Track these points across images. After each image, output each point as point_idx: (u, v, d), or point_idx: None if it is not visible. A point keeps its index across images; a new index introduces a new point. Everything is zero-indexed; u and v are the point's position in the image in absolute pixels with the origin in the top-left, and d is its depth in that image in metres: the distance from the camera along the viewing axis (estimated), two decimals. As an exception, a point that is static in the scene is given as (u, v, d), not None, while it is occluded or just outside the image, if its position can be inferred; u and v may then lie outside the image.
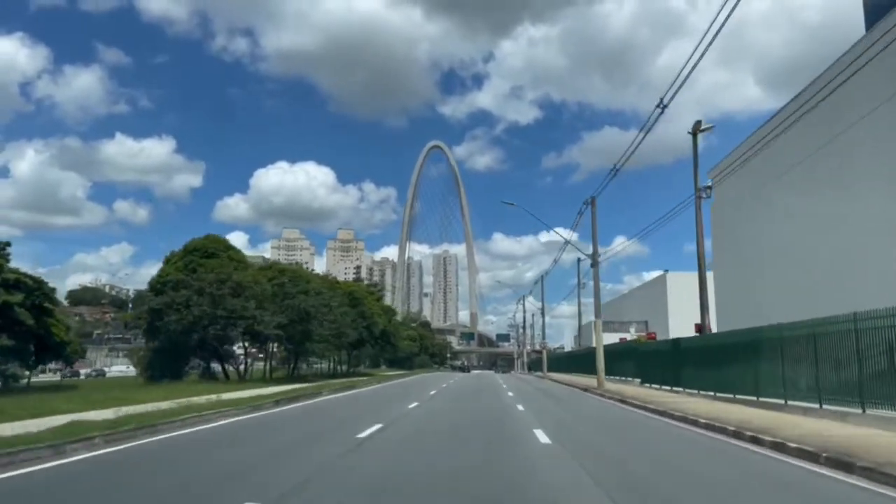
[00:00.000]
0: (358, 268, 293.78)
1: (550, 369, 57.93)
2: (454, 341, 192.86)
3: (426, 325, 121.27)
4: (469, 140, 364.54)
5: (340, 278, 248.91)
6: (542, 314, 55.57)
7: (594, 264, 28.57)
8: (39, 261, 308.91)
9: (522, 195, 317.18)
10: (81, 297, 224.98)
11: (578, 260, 53.45)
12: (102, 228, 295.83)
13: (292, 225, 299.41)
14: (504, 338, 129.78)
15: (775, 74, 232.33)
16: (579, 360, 50.84)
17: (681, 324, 79.26)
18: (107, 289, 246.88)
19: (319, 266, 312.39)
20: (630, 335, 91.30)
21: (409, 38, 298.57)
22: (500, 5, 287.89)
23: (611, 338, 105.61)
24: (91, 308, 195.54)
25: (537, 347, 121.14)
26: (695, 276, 22.91)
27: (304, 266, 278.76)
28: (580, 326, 55.84)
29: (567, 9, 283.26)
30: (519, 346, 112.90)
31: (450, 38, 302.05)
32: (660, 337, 56.18)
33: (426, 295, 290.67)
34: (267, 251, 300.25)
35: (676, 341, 25.12)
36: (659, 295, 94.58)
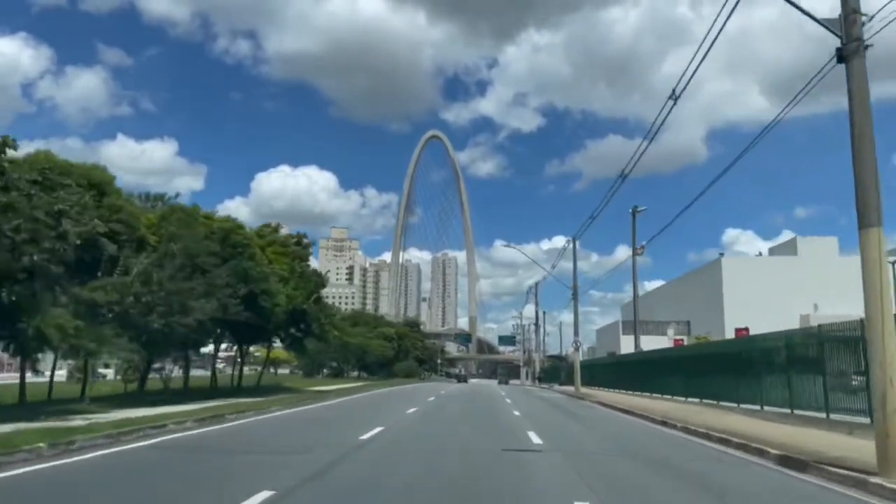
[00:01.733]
0: (350, 268, 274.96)
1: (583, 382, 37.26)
2: (452, 348, 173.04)
3: (413, 324, 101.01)
4: (472, 146, 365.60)
5: (332, 279, 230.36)
6: (574, 294, 34.56)
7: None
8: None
9: (524, 203, 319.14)
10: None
11: (635, 210, 33.21)
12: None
13: (292, 228, 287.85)
14: (508, 341, 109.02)
15: (780, 83, 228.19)
16: (650, 369, 29.92)
17: (744, 321, 60.32)
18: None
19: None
20: (670, 338, 71.29)
21: (412, 43, 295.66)
22: (504, 11, 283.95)
23: (633, 344, 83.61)
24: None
25: (545, 354, 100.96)
26: (762, 260, 4.82)
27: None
28: (637, 318, 35.31)
29: (572, 15, 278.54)
30: (525, 353, 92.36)
31: (453, 43, 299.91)
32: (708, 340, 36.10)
33: (424, 300, 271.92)
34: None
35: None
36: (707, 287, 73.92)
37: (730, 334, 55.40)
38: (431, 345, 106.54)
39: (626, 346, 74.29)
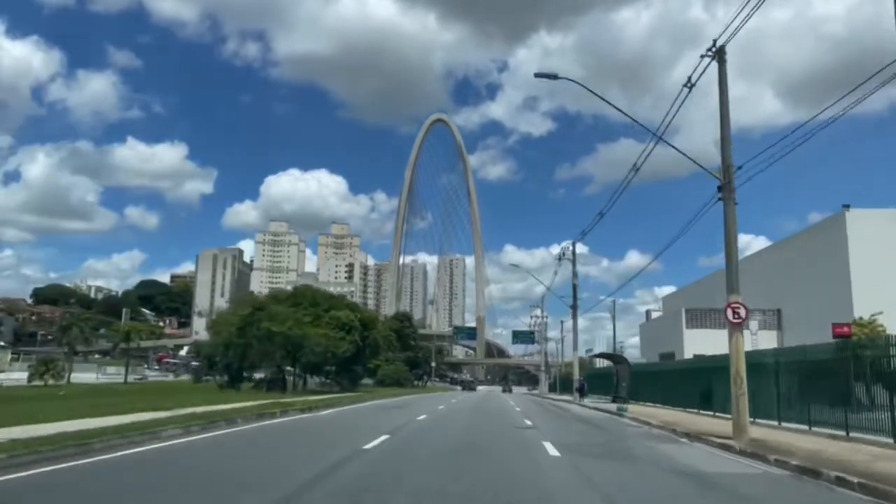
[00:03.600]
0: (350, 266, 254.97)
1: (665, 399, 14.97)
2: (460, 352, 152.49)
3: (405, 317, 79.53)
4: (481, 150, 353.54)
5: (331, 278, 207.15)
6: (726, 180, 12.63)
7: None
8: (51, 266, 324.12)
9: (534, 207, 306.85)
10: (47, 294, 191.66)
11: None
12: (113, 234, 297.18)
13: (302, 232, 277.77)
14: (524, 337, 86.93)
15: (795, 87, 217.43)
16: None
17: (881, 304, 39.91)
18: (84, 288, 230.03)
19: (310, 264, 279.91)
20: (754, 333, 48.81)
21: (422, 45, 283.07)
22: (515, 13, 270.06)
23: (701, 340, 58.59)
24: (52, 307, 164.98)
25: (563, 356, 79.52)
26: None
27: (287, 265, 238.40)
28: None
29: (583, 17, 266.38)
30: (545, 354, 70.91)
31: (464, 46, 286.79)
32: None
33: (431, 303, 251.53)
34: (250, 245, 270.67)
35: None
36: (818, 257, 51.63)
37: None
38: (426, 345, 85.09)
39: (693, 345, 52.73)
